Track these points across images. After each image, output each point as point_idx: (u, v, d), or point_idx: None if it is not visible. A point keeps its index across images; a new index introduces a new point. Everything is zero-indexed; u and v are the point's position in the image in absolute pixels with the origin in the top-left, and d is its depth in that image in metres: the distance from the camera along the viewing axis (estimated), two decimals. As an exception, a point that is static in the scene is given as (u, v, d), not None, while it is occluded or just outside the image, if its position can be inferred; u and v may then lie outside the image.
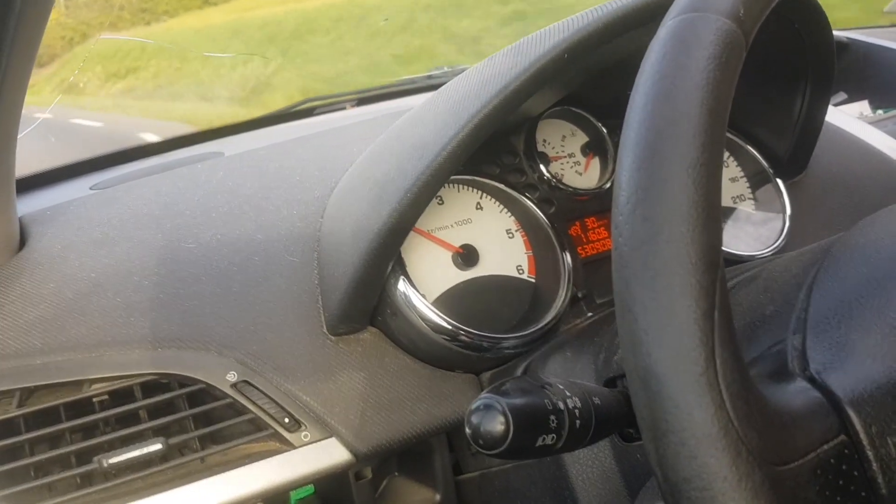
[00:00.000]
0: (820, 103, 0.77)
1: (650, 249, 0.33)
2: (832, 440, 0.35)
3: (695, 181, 0.33)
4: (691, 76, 0.36)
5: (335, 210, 0.70)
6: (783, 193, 0.84)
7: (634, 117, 0.36)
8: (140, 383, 0.62)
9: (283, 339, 0.65)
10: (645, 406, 0.32)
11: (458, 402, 0.68)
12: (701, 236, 0.32)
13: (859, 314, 0.40)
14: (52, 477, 0.58)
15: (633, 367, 0.33)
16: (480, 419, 0.37)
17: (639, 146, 0.35)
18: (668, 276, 0.32)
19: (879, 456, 0.35)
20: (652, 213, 0.33)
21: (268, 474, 0.61)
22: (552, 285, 0.72)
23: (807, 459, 0.33)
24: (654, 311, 0.32)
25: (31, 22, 0.51)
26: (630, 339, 0.33)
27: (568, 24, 0.59)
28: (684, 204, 0.33)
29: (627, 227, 0.34)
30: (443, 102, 0.64)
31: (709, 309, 0.31)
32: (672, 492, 0.31)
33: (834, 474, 0.34)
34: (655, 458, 0.32)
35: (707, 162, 0.34)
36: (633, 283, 0.33)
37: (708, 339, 0.31)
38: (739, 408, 0.31)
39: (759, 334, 0.44)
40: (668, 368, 0.31)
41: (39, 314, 0.63)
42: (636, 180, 0.34)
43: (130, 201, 0.75)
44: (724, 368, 0.31)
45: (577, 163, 0.81)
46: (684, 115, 0.35)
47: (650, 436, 0.32)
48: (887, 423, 0.35)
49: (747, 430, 0.31)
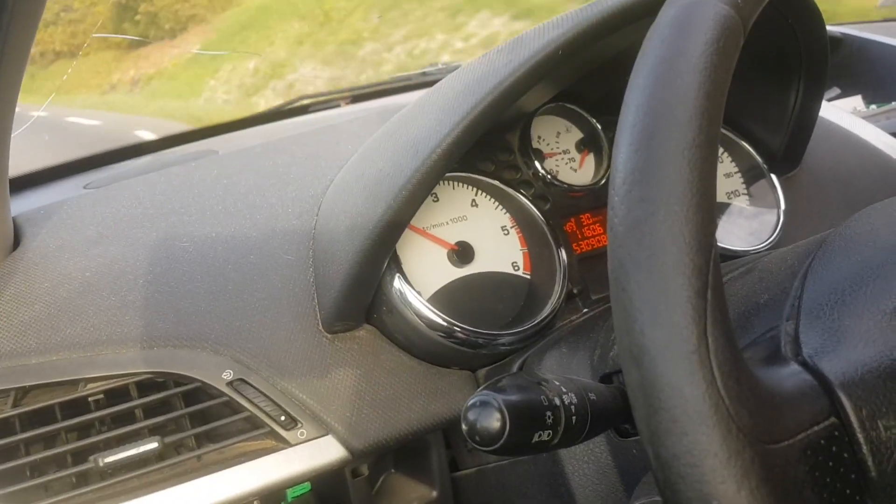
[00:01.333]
0: (814, 98, 0.77)
1: (645, 229, 0.33)
2: (823, 422, 0.35)
3: (690, 162, 0.33)
4: (689, 60, 0.36)
5: (330, 208, 0.70)
6: (777, 188, 0.84)
7: (632, 100, 0.37)
8: (135, 382, 0.62)
9: (279, 336, 0.65)
10: (637, 384, 0.33)
11: (454, 399, 0.68)
12: (695, 216, 0.33)
13: (852, 301, 0.40)
14: (48, 476, 0.58)
15: (627, 345, 0.33)
16: (477, 416, 0.37)
17: (636, 128, 0.35)
18: (663, 256, 0.32)
19: (870, 438, 0.35)
20: (647, 193, 0.33)
21: (264, 472, 0.61)
22: (547, 282, 0.72)
23: (797, 439, 0.33)
24: (648, 290, 0.32)
25: (23, 20, 0.51)
26: (624, 318, 0.33)
27: (562, 21, 0.59)
28: (679, 184, 0.33)
29: (623, 207, 0.34)
30: (437, 99, 0.64)
31: (702, 288, 0.32)
32: (662, 468, 0.32)
33: (824, 455, 0.34)
34: (647, 434, 0.32)
35: (703, 144, 0.34)
36: (628, 263, 0.33)
37: (700, 317, 0.31)
38: (730, 386, 0.31)
39: (754, 321, 0.44)
40: (660, 346, 0.31)
41: (34, 314, 0.63)
42: (633, 161, 0.35)
43: (124, 200, 0.74)
44: (716, 347, 0.31)
45: (571, 159, 0.81)
46: (681, 98, 0.35)
47: (642, 413, 0.32)
48: (878, 406, 0.35)
49: (738, 408, 0.31)
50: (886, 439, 0.35)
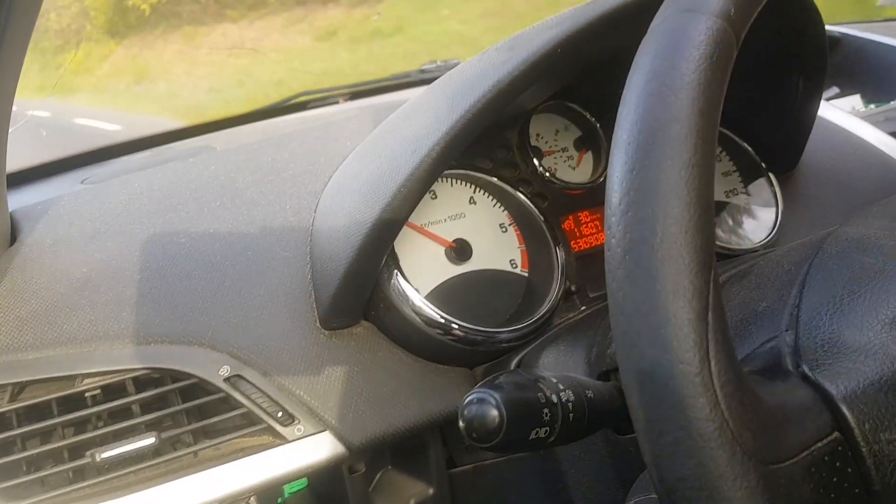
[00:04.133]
0: (812, 98, 0.77)
1: (643, 251, 0.33)
2: (826, 437, 0.35)
3: (687, 182, 0.33)
4: (682, 75, 0.35)
5: (328, 204, 0.70)
6: (775, 187, 0.84)
7: (626, 117, 0.36)
8: (132, 378, 0.62)
9: (276, 333, 0.65)
10: (640, 407, 0.32)
11: (451, 396, 0.68)
12: (694, 237, 0.32)
13: (850, 310, 0.40)
14: (45, 471, 0.58)
15: (628, 368, 0.33)
16: (474, 412, 0.37)
17: (631, 146, 0.35)
18: (662, 278, 0.32)
19: (873, 452, 0.35)
20: (644, 214, 0.33)
21: (261, 468, 0.61)
22: (545, 279, 0.72)
23: (801, 457, 0.33)
24: (648, 313, 0.32)
25: (21, 13, 0.50)
26: (624, 341, 0.33)
27: (561, 19, 0.59)
28: (677, 205, 0.33)
29: (620, 228, 0.34)
30: (436, 97, 0.64)
31: (702, 310, 0.31)
32: (667, 491, 0.32)
33: (828, 471, 0.34)
34: (651, 458, 0.32)
35: (699, 163, 0.33)
36: (627, 285, 0.33)
37: (702, 340, 0.31)
38: (734, 408, 0.31)
39: (752, 331, 0.44)
40: (662, 370, 0.31)
41: (31, 309, 0.63)
42: (628, 181, 0.34)
43: (122, 196, 0.74)
44: (719, 369, 0.31)
45: (570, 157, 0.81)
46: (675, 115, 0.34)
47: (646, 436, 0.32)
48: (880, 419, 0.35)
49: (742, 430, 0.31)
50: (889, 452, 0.35)
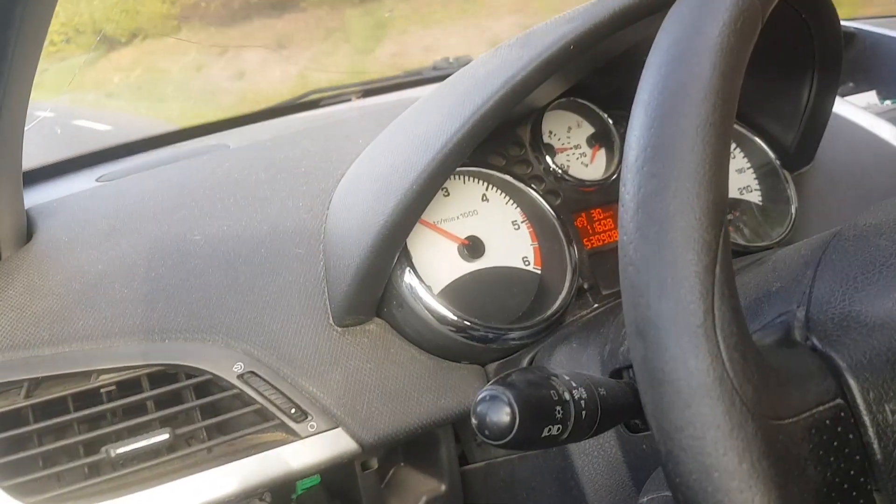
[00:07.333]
0: (827, 94, 0.77)
1: (656, 204, 0.33)
2: (828, 402, 0.35)
3: (704, 139, 0.33)
4: (706, 40, 0.36)
5: (341, 202, 0.70)
6: (790, 184, 0.84)
7: (648, 78, 0.37)
8: (147, 374, 0.62)
9: (290, 330, 0.65)
10: (642, 357, 0.33)
11: (463, 393, 0.68)
12: (707, 193, 0.33)
13: (864, 287, 0.40)
14: (60, 467, 0.59)
15: (633, 319, 0.33)
16: (486, 410, 0.37)
17: (650, 105, 0.36)
18: (672, 230, 0.32)
19: (876, 421, 0.35)
20: (659, 169, 0.33)
21: (274, 464, 0.62)
22: (558, 277, 0.72)
23: (801, 417, 0.34)
24: (657, 264, 0.32)
25: (37, 13, 0.51)
26: (631, 292, 0.33)
27: (574, 15, 0.59)
28: (692, 161, 0.33)
29: (634, 182, 0.34)
30: (448, 94, 0.64)
31: (710, 263, 0.32)
32: (665, 440, 0.32)
33: (829, 435, 0.34)
34: (651, 407, 0.32)
35: (717, 122, 0.34)
36: (638, 237, 0.33)
37: (708, 291, 0.31)
38: (736, 360, 0.31)
39: (765, 308, 0.44)
40: (666, 319, 0.32)
41: (47, 305, 0.63)
42: (646, 138, 0.35)
43: (136, 193, 0.75)
44: (723, 321, 0.31)
45: (583, 154, 0.81)
46: (696, 76, 0.35)
47: (646, 386, 0.32)
48: (885, 389, 0.35)
49: (742, 382, 0.31)
50: (893, 423, 0.35)
